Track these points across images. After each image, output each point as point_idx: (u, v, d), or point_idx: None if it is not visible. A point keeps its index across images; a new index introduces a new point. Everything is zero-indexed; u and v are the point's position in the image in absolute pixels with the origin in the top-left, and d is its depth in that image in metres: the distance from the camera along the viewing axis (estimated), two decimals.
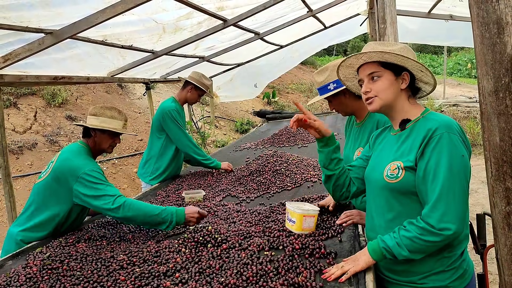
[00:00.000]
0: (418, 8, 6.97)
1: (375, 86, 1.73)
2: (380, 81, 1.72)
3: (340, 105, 2.40)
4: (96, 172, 2.53)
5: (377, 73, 1.72)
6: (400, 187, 1.67)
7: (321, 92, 2.39)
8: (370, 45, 1.77)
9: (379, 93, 1.72)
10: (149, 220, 2.41)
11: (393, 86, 1.72)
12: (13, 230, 2.66)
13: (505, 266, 1.52)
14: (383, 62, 1.71)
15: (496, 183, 1.48)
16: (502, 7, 1.37)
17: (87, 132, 2.78)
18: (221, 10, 4.53)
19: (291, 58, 8.86)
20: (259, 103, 14.45)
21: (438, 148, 1.57)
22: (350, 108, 2.41)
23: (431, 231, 1.54)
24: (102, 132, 2.74)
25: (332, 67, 2.31)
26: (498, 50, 1.40)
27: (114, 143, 2.83)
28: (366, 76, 1.75)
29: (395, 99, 1.74)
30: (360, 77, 1.80)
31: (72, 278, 1.90)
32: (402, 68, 1.72)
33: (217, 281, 1.71)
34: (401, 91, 1.74)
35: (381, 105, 1.74)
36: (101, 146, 2.78)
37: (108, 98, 10.07)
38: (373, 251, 1.67)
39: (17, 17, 2.94)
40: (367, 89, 1.75)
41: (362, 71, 1.78)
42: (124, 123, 2.83)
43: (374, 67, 1.73)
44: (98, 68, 4.94)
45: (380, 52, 1.67)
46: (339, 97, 2.36)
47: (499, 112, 1.43)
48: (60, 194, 2.57)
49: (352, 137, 2.48)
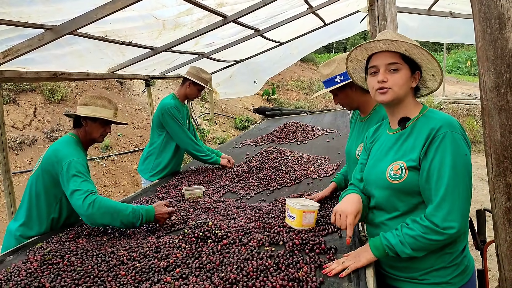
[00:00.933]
0: (418, 5, 6.97)
1: (393, 77, 1.67)
2: (399, 74, 1.67)
3: (346, 98, 2.36)
4: (78, 164, 2.51)
5: (398, 65, 1.66)
6: (404, 187, 1.66)
7: (327, 84, 2.34)
8: (391, 34, 1.68)
9: (395, 85, 1.67)
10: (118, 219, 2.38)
11: (408, 83, 1.69)
12: (12, 226, 2.67)
13: (505, 262, 1.52)
14: (404, 56, 1.67)
15: (497, 179, 1.48)
16: (504, 2, 1.36)
17: (78, 123, 2.78)
18: (221, 7, 4.52)
19: (290, 54, 8.85)
20: (259, 100, 14.43)
21: (442, 147, 1.56)
22: (356, 101, 2.36)
23: (435, 230, 1.54)
24: (93, 121, 2.73)
25: (340, 59, 2.27)
26: (499, 45, 1.39)
27: (105, 132, 2.83)
28: (385, 65, 1.67)
29: (406, 95, 1.71)
30: (374, 64, 1.71)
31: (73, 273, 1.90)
32: (416, 67, 1.70)
33: (218, 276, 1.71)
34: (411, 89, 1.73)
35: (393, 98, 1.69)
36: (92, 135, 2.78)
37: (107, 94, 10.05)
38: (375, 248, 1.67)
39: (17, 12, 2.93)
40: (384, 78, 1.67)
41: (380, 58, 1.69)
42: (115, 112, 2.84)
43: (395, 57, 1.66)
44: (98, 64, 4.93)
45: (409, 44, 1.60)
46: (345, 90, 2.31)
47: (500, 108, 1.42)
48: (49, 186, 2.59)
49: (356, 132, 2.44)
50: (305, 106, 13.73)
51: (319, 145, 4.68)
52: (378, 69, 1.70)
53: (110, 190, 7.04)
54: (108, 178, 7.27)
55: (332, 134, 5.28)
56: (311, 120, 6.71)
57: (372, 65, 1.73)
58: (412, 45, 1.61)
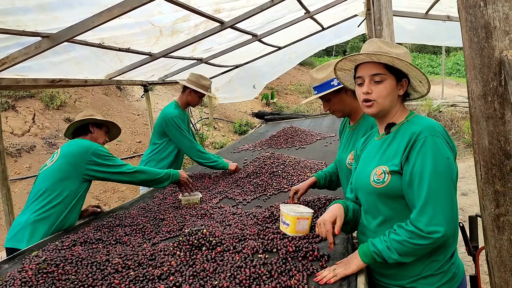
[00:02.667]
0: (416, 9, 7.00)
1: (377, 89, 1.69)
2: (383, 85, 1.69)
3: (340, 103, 2.31)
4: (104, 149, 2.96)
5: (382, 76, 1.68)
6: (387, 191, 1.68)
7: (321, 89, 2.28)
8: (376, 44, 1.71)
9: (379, 98, 1.69)
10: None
11: (393, 92, 1.71)
12: (23, 218, 2.77)
13: (495, 268, 1.53)
14: (389, 66, 1.68)
15: (486, 186, 1.49)
16: (490, 11, 1.38)
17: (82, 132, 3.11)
18: (218, 13, 4.55)
19: (289, 59, 8.88)
20: (258, 104, 14.46)
21: (423, 151, 1.58)
22: (348, 107, 2.32)
23: (420, 234, 1.55)
24: (99, 127, 3.15)
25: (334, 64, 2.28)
26: (486, 54, 1.41)
27: (105, 140, 3.23)
28: (369, 76, 1.70)
29: (392, 105, 1.73)
30: (360, 74, 1.73)
31: (67, 282, 1.91)
32: (403, 74, 1.72)
33: (211, 284, 1.72)
34: (398, 97, 1.75)
35: (379, 110, 1.72)
36: (98, 141, 3.11)
37: (106, 100, 10.08)
38: (364, 255, 1.69)
39: (13, 21, 2.96)
40: (369, 90, 1.69)
41: (365, 69, 1.71)
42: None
43: (379, 68, 1.68)
44: (96, 71, 4.95)
45: (391, 57, 1.63)
46: (340, 94, 2.28)
47: (487, 116, 1.44)
48: (70, 175, 2.84)
49: (345, 140, 2.44)
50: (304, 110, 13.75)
51: (317, 150, 4.69)
52: (363, 80, 1.72)
53: (109, 196, 7.05)
54: (107, 184, 7.27)
55: (330, 138, 5.28)
56: (310, 124, 6.71)
57: (358, 75, 1.76)
58: (393, 57, 1.63)
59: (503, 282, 1.50)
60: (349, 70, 1.87)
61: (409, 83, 1.75)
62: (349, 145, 2.37)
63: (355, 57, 1.72)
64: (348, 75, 1.90)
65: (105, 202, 6.70)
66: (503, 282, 1.50)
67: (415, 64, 26.42)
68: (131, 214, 2.99)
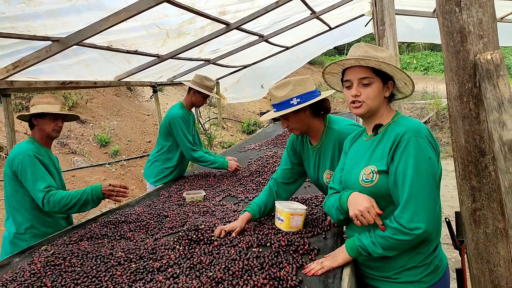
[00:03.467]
0: (423, 8, 7.02)
1: (366, 91, 1.77)
2: (371, 88, 1.77)
3: (298, 122, 2.30)
4: (28, 162, 2.76)
5: (369, 79, 1.76)
6: (375, 190, 1.75)
7: (280, 107, 2.25)
8: (363, 48, 1.79)
9: (367, 99, 1.77)
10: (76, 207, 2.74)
11: (381, 94, 1.79)
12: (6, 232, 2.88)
13: (472, 260, 1.60)
14: (375, 69, 1.76)
15: (463, 182, 1.57)
16: (464, 17, 1.46)
17: (32, 125, 2.97)
18: (223, 15, 4.64)
19: (297, 59, 8.96)
20: (266, 104, 14.53)
21: (406, 152, 1.66)
22: (306, 126, 2.33)
23: (403, 230, 1.63)
24: (42, 117, 2.91)
25: (295, 81, 2.24)
26: (461, 57, 1.48)
27: (58, 127, 2.98)
28: (357, 79, 1.77)
29: (379, 106, 1.81)
30: (348, 78, 1.81)
31: (73, 274, 2.03)
32: (389, 77, 1.80)
33: (206, 276, 1.82)
34: (384, 98, 1.84)
35: (367, 111, 1.80)
36: (46, 131, 2.93)
37: (117, 101, 10.27)
38: (350, 249, 1.78)
39: (24, 26, 3.09)
40: (357, 92, 1.77)
41: (353, 73, 1.79)
42: (61, 106, 2.97)
43: (367, 72, 1.76)
44: (105, 73, 5.08)
45: (378, 61, 1.70)
46: (299, 114, 2.26)
47: (463, 116, 1.51)
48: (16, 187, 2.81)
49: (312, 161, 2.43)
50: None
51: None
52: (352, 83, 1.80)
53: None
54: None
55: None
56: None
57: (346, 79, 1.83)
58: (380, 61, 1.71)
59: (480, 273, 1.57)
60: (336, 73, 1.95)
61: (394, 85, 1.84)
62: (319, 165, 2.39)
63: (343, 62, 1.81)
64: (336, 78, 1.99)
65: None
66: (480, 273, 1.57)
67: (427, 62, 26.24)
68: (136, 211, 3.10)
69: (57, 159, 3.21)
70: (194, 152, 4.06)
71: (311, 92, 2.25)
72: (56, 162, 3.13)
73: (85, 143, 8.28)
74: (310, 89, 2.26)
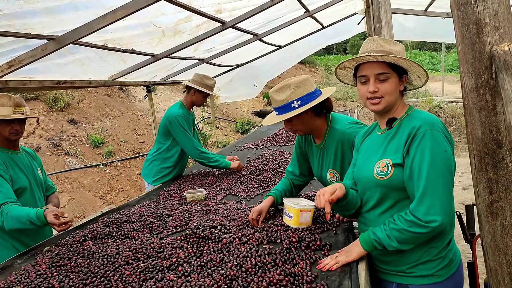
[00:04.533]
0: (415, 6, 7.06)
1: (384, 87, 1.75)
2: (388, 83, 1.75)
3: (301, 124, 2.30)
4: None
5: (387, 75, 1.74)
6: (390, 183, 1.75)
7: (281, 111, 2.23)
8: (378, 42, 1.77)
9: (386, 94, 1.75)
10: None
11: (397, 89, 1.79)
12: None
13: (489, 252, 1.60)
14: (392, 64, 1.74)
15: (479, 174, 1.57)
16: (480, 9, 1.45)
17: None
18: (219, 13, 4.61)
19: (290, 57, 8.95)
20: (259, 104, 14.53)
21: (422, 145, 1.65)
22: (309, 127, 2.33)
23: (419, 223, 1.63)
24: None
25: (295, 83, 2.21)
26: (477, 49, 1.48)
27: (14, 130, 2.74)
28: (374, 75, 1.75)
29: (396, 101, 1.81)
30: (364, 73, 1.78)
31: (80, 274, 1.99)
32: (404, 71, 1.79)
33: (218, 273, 1.80)
34: (399, 93, 1.83)
35: (386, 106, 1.78)
36: (3, 135, 2.73)
37: (109, 101, 10.17)
38: (365, 243, 1.77)
39: (21, 24, 3.03)
40: (375, 88, 1.75)
41: (369, 68, 1.76)
42: (15, 108, 2.73)
43: (383, 67, 1.74)
44: (100, 72, 5.02)
45: (395, 57, 1.69)
46: (301, 116, 2.25)
47: (480, 107, 1.51)
48: None
49: (316, 159, 2.46)
50: None
51: None
52: (368, 78, 1.78)
53: (114, 196, 7.13)
54: (112, 183, 7.37)
55: None
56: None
57: (361, 74, 1.81)
58: (398, 57, 1.70)
59: (498, 265, 1.57)
60: (349, 68, 1.93)
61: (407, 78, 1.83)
62: (322, 164, 2.40)
63: (361, 58, 1.77)
64: (348, 73, 1.97)
65: (110, 201, 6.79)
66: (498, 265, 1.57)
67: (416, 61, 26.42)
68: (137, 211, 3.06)
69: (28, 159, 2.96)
70: (200, 148, 4.03)
71: (311, 93, 2.24)
72: (23, 162, 2.88)
73: (78, 144, 8.18)
74: (311, 89, 2.24)
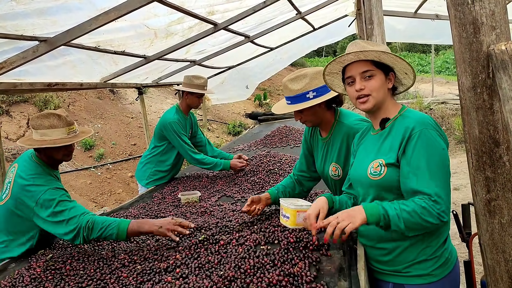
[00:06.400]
0: (405, 9, 7.11)
1: (369, 84, 1.76)
2: (374, 80, 1.76)
3: (312, 115, 2.29)
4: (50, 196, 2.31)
5: (371, 72, 1.75)
6: (384, 183, 1.75)
7: (295, 100, 2.22)
8: (360, 44, 1.78)
9: (373, 91, 1.76)
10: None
11: (384, 85, 1.79)
12: None
13: (487, 251, 1.61)
14: (376, 62, 1.75)
15: (477, 173, 1.58)
16: (477, 8, 1.47)
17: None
18: (212, 15, 4.60)
19: (281, 59, 8.96)
20: (251, 105, 14.54)
21: (419, 145, 1.66)
22: (319, 119, 2.33)
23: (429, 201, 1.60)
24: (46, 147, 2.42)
25: (311, 74, 2.20)
26: (474, 48, 1.49)
27: (68, 151, 2.52)
28: (359, 74, 1.76)
29: (384, 98, 1.81)
30: (350, 74, 1.79)
31: (76, 277, 1.97)
32: (389, 69, 1.80)
33: (217, 275, 1.79)
34: (388, 90, 1.83)
35: (374, 104, 1.78)
36: (56, 158, 2.51)
37: (100, 103, 10.10)
38: (371, 215, 1.64)
39: (12, 25, 2.99)
40: (361, 86, 1.76)
41: (354, 68, 1.78)
42: (68, 128, 2.45)
43: (367, 65, 1.75)
44: (91, 74, 4.99)
45: (377, 52, 1.70)
46: (314, 108, 2.24)
47: (477, 107, 1.53)
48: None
49: (320, 152, 2.46)
50: None
51: None
52: (354, 78, 1.79)
53: (106, 199, 7.08)
54: (104, 186, 7.31)
55: None
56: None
57: (348, 75, 1.82)
58: (380, 51, 1.71)
59: (496, 263, 1.58)
60: (336, 73, 1.93)
61: (395, 77, 1.83)
62: (326, 157, 2.41)
63: (343, 58, 1.78)
64: (336, 78, 1.97)
65: (102, 204, 6.73)
66: (496, 263, 1.58)
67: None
68: (132, 214, 3.04)
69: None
70: (194, 154, 3.99)
71: (326, 85, 2.21)
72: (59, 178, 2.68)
73: None
74: None
